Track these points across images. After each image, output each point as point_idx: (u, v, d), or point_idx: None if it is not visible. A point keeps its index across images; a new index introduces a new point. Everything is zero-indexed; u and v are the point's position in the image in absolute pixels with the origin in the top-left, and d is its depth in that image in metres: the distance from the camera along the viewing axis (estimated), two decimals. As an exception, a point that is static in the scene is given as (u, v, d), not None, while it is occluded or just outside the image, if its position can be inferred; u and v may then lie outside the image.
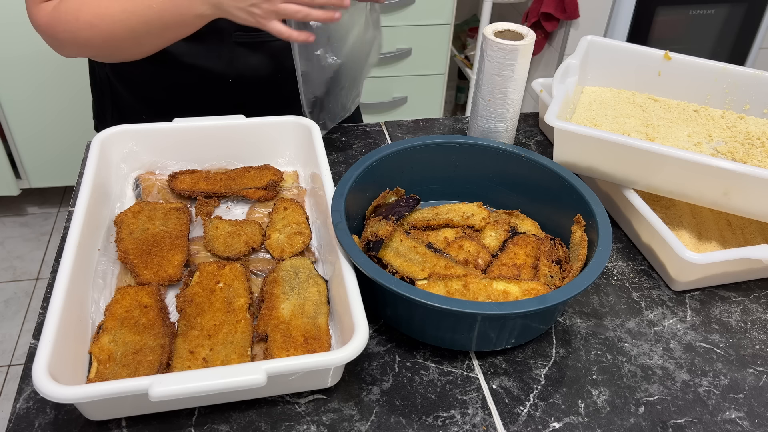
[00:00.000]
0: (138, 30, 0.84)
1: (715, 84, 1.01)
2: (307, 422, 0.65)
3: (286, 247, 0.80)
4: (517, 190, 0.88)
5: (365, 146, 1.05)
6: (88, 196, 0.76)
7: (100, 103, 1.09)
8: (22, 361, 1.80)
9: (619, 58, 1.03)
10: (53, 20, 0.86)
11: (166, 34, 0.86)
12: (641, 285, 0.83)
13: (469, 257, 0.78)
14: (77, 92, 1.97)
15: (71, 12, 0.84)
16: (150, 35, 0.86)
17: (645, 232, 0.86)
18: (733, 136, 0.95)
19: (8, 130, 2.02)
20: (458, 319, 0.67)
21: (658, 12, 2.08)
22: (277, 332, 0.68)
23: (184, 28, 0.85)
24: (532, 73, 2.26)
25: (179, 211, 0.84)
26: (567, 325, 0.77)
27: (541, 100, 1.08)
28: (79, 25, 0.85)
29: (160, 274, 0.75)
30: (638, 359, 0.74)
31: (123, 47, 0.88)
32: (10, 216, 2.29)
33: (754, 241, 0.87)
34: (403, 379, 0.70)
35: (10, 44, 1.86)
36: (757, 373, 0.73)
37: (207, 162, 0.93)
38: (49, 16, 0.86)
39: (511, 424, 0.66)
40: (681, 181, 0.82)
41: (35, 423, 0.63)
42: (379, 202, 0.83)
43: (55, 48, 0.90)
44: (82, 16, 0.84)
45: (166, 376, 0.58)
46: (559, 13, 2.04)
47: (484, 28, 0.89)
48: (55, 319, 0.61)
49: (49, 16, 0.86)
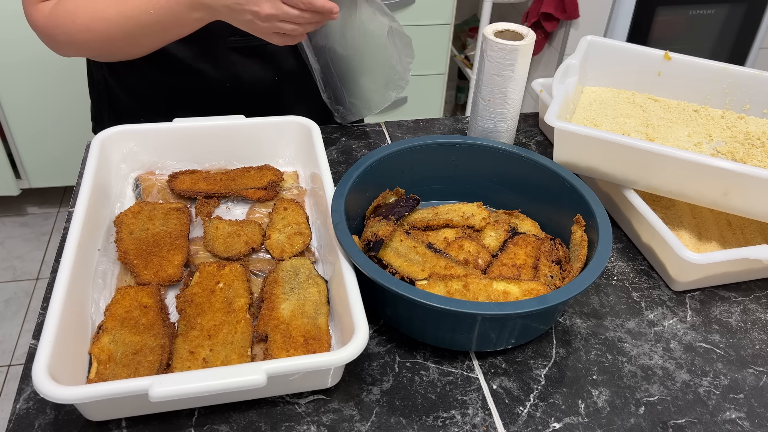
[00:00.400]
0: (135, 33, 0.84)
1: (715, 84, 1.01)
2: (307, 422, 0.65)
3: (286, 247, 0.80)
4: (517, 190, 0.88)
5: (365, 146, 1.05)
6: (88, 196, 0.76)
7: (98, 105, 1.08)
8: (22, 361, 1.80)
9: (619, 58, 1.03)
10: (50, 21, 0.86)
11: (164, 36, 0.86)
12: (641, 285, 0.83)
13: (469, 257, 0.78)
14: (77, 92, 1.97)
15: (68, 14, 0.84)
16: (147, 37, 0.86)
17: (645, 232, 0.86)
18: (733, 136, 0.95)
19: (8, 130, 2.02)
20: (458, 320, 0.67)
21: (658, 12, 2.08)
22: (277, 332, 0.68)
23: (183, 29, 0.85)
24: (532, 73, 2.26)
25: (179, 211, 0.84)
26: (567, 325, 0.77)
27: (541, 100, 1.08)
28: (76, 28, 0.85)
29: (160, 274, 0.75)
30: (638, 359, 0.74)
31: (120, 48, 0.88)
32: (10, 216, 2.29)
33: (754, 241, 0.87)
34: (403, 380, 0.70)
35: (10, 44, 1.86)
36: (758, 374, 0.73)
37: (207, 162, 0.93)
38: (46, 17, 0.86)
39: (511, 424, 0.66)
40: (681, 181, 0.82)
41: (35, 423, 0.63)
42: (379, 202, 0.83)
43: (52, 48, 0.90)
44: (79, 19, 0.84)
45: (166, 376, 0.58)
46: (559, 13, 2.04)
47: (484, 28, 0.89)
48: (55, 319, 0.61)
49: (46, 17, 0.86)
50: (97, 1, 0.84)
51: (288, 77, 1.04)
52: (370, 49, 0.92)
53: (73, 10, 0.84)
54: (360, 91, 0.99)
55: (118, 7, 0.83)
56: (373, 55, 0.92)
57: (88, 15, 0.84)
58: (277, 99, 1.05)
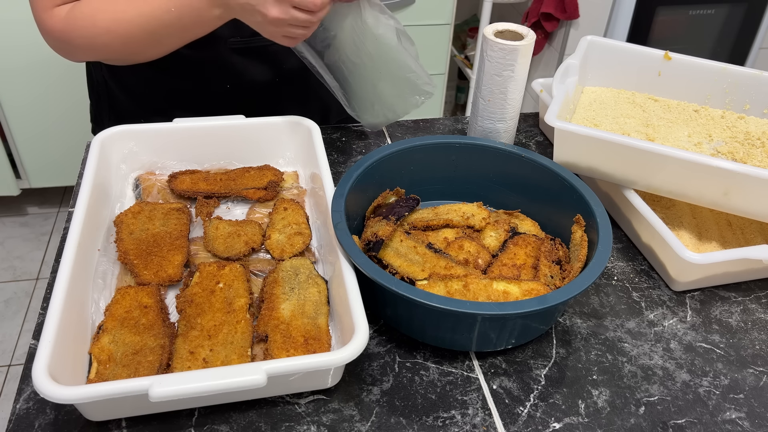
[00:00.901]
0: (157, 33, 0.84)
1: (715, 84, 1.01)
2: (308, 423, 0.65)
3: (286, 247, 0.80)
4: (517, 190, 0.88)
5: (365, 146, 1.05)
6: (88, 196, 0.76)
7: (97, 106, 1.08)
8: (22, 361, 1.80)
9: (619, 58, 1.03)
10: (68, 26, 0.84)
11: (184, 35, 0.86)
12: (641, 285, 0.83)
13: (469, 257, 0.78)
14: (77, 92, 1.97)
15: (87, 18, 0.83)
16: (170, 36, 0.85)
17: (645, 232, 0.86)
18: (733, 136, 0.95)
19: (8, 130, 2.02)
20: (458, 320, 0.67)
21: (658, 12, 2.08)
22: (277, 332, 0.68)
23: (204, 28, 0.85)
24: (532, 73, 2.26)
25: (179, 211, 0.84)
26: (567, 325, 0.77)
27: (541, 100, 1.08)
28: (96, 31, 0.83)
29: (160, 274, 0.75)
30: (638, 359, 0.74)
31: (141, 50, 0.87)
32: (10, 216, 2.29)
33: (754, 241, 0.87)
34: (403, 380, 0.70)
35: (10, 45, 1.86)
36: (758, 374, 0.73)
37: (207, 162, 0.93)
38: (63, 22, 0.84)
39: (511, 424, 0.66)
40: (681, 181, 0.82)
41: (35, 423, 0.63)
42: (379, 202, 0.83)
43: (65, 53, 0.89)
44: (99, 22, 0.83)
45: (166, 376, 0.58)
46: (559, 13, 2.04)
47: (484, 29, 0.89)
48: (55, 319, 0.61)
49: (63, 22, 0.84)
50: (115, 4, 0.83)
51: (288, 77, 1.03)
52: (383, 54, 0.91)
53: (91, 14, 0.83)
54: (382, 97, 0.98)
55: (138, 8, 0.82)
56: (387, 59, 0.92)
57: (108, 17, 0.83)
58: (278, 99, 1.05)
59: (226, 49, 0.97)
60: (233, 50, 0.97)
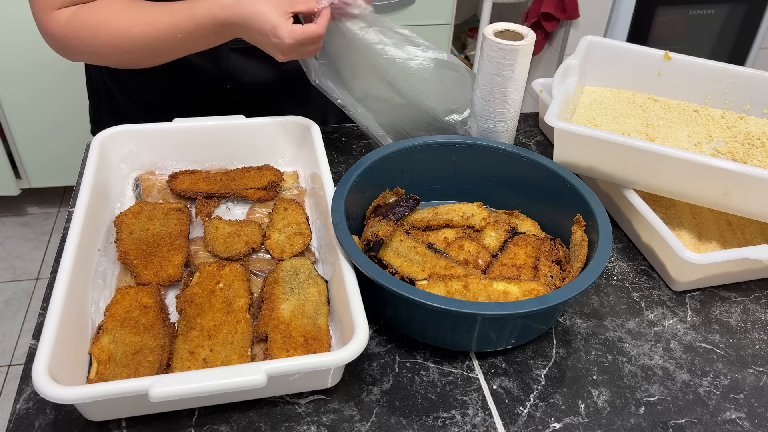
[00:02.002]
0: (160, 51, 0.85)
1: (715, 84, 1.01)
2: (308, 423, 0.65)
3: (286, 247, 0.80)
4: (517, 190, 0.88)
5: (365, 146, 1.05)
6: (88, 196, 0.76)
7: (97, 107, 1.08)
8: (22, 361, 1.80)
9: (619, 58, 1.03)
10: (69, 32, 0.83)
11: (188, 51, 0.87)
12: (641, 285, 0.83)
13: (469, 257, 0.78)
14: (77, 92, 1.97)
15: (89, 28, 0.82)
16: (172, 54, 0.87)
17: (645, 232, 0.86)
18: (733, 136, 0.95)
19: (8, 130, 2.02)
20: (458, 320, 0.67)
21: (658, 12, 2.08)
22: (277, 333, 0.68)
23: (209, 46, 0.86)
24: (532, 73, 2.25)
25: (179, 211, 0.84)
26: (567, 325, 0.77)
27: (541, 100, 1.08)
28: (97, 42, 0.83)
29: (160, 274, 0.75)
30: (638, 359, 0.74)
31: (142, 62, 0.88)
32: (10, 216, 2.29)
33: (754, 241, 0.87)
34: (403, 380, 0.70)
35: (10, 44, 1.86)
36: (758, 374, 0.73)
37: (207, 162, 0.93)
38: (63, 26, 0.83)
39: (511, 424, 0.66)
40: (681, 181, 0.82)
41: (35, 423, 0.63)
42: (379, 202, 0.83)
43: (63, 54, 0.88)
44: (102, 34, 0.82)
45: (166, 376, 0.58)
46: (559, 13, 2.04)
47: (484, 29, 0.89)
48: (55, 319, 0.61)
49: (64, 26, 0.83)
50: (119, 17, 0.82)
51: (288, 78, 1.04)
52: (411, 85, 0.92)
53: (94, 25, 0.82)
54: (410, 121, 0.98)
55: (144, 28, 0.82)
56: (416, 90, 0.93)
57: (111, 31, 0.82)
58: (278, 99, 1.05)
59: (227, 50, 0.97)
60: (233, 50, 0.97)
